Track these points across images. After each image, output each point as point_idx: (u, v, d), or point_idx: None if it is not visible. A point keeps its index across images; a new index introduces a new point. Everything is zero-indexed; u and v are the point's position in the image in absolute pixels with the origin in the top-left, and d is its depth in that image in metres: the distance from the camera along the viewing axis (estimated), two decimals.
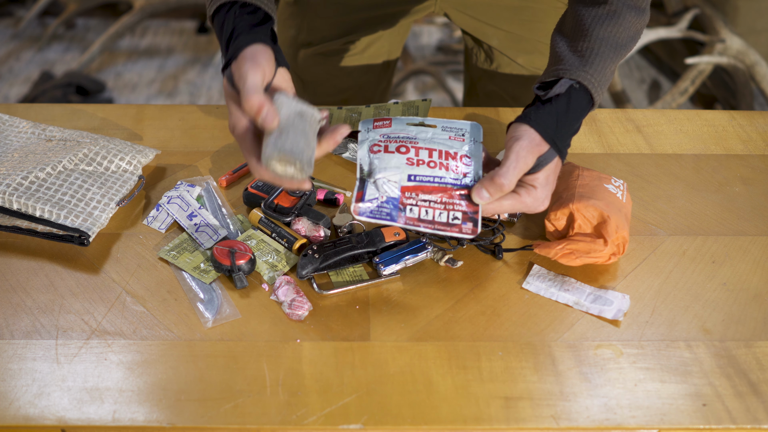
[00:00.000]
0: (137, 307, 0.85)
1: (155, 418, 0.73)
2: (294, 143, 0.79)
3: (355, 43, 1.29)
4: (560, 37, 0.90)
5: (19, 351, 0.79)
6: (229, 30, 0.84)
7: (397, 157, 0.86)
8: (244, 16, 0.84)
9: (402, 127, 0.89)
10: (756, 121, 1.18)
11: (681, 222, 0.98)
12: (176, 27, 3.39)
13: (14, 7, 3.43)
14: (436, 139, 0.88)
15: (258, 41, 0.82)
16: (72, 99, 2.74)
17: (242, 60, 0.81)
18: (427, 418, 0.74)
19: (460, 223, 0.83)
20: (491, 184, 0.82)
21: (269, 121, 0.79)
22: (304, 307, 0.84)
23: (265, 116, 0.79)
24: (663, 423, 0.74)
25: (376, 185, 0.85)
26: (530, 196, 0.84)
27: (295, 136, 0.80)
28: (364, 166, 0.87)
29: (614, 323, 0.84)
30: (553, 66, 0.88)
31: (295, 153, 0.79)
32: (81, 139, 1.03)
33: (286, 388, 0.76)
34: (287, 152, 0.78)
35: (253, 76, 0.80)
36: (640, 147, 1.12)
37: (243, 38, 0.82)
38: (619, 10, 0.88)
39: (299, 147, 0.79)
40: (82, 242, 0.91)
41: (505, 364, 0.79)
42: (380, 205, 0.84)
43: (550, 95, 0.85)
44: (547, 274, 0.89)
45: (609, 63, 0.87)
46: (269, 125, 0.79)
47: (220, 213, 0.97)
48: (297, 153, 0.79)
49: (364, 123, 0.90)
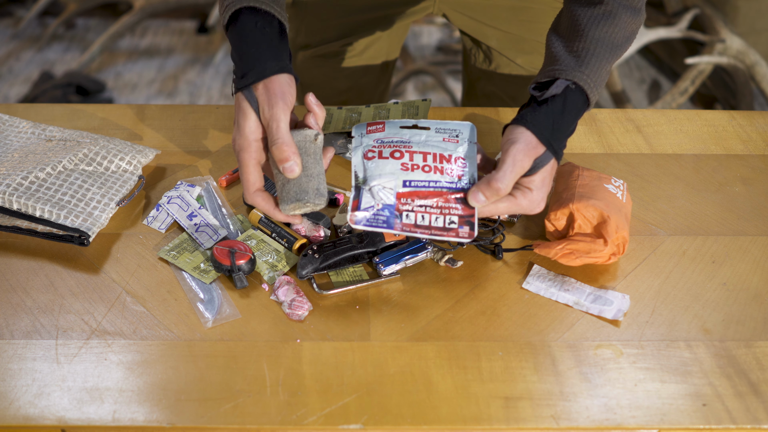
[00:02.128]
0: (137, 307, 0.85)
1: (155, 418, 0.73)
2: (297, 185, 0.82)
3: (353, 45, 1.29)
4: (556, 37, 0.90)
5: (19, 351, 0.79)
6: (251, 45, 0.84)
7: (392, 163, 0.86)
8: (265, 30, 0.84)
9: (395, 131, 0.89)
10: (756, 121, 1.18)
11: (681, 222, 0.98)
12: (176, 27, 3.39)
13: (14, 7, 3.43)
14: (430, 141, 0.88)
15: (285, 69, 0.83)
16: (72, 99, 2.74)
17: (273, 96, 0.81)
18: (427, 418, 0.74)
19: (456, 227, 0.83)
20: (488, 187, 0.82)
21: (291, 171, 0.81)
22: (304, 307, 0.84)
23: (290, 167, 0.81)
24: (663, 423, 0.74)
25: (371, 193, 0.85)
26: (526, 199, 0.84)
27: (297, 181, 0.82)
28: (358, 173, 0.86)
29: (614, 323, 0.84)
30: (548, 66, 0.88)
31: (300, 198, 0.82)
32: (81, 139, 1.03)
33: (286, 388, 0.76)
34: (294, 201, 0.82)
35: (286, 121, 0.81)
36: (640, 147, 1.12)
37: (270, 64, 0.82)
38: (614, 10, 0.88)
39: (301, 188, 0.82)
40: (82, 242, 0.91)
41: (505, 364, 0.79)
42: (376, 213, 0.84)
43: (546, 96, 0.85)
44: (547, 274, 0.89)
45: (605, 63, 0.87)
46: (290, 175, 0.82)
47: (220, 213, 0.97)
48: (303, 197, 0.82)
49: (357, 128, 0.90)
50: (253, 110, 0.83)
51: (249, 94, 0.83)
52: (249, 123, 0.83)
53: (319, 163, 0.84)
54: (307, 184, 0.82)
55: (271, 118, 0.81)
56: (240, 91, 0.83)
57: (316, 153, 0.84)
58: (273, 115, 0.81)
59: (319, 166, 0.84)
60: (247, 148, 0.83)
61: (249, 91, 0.83)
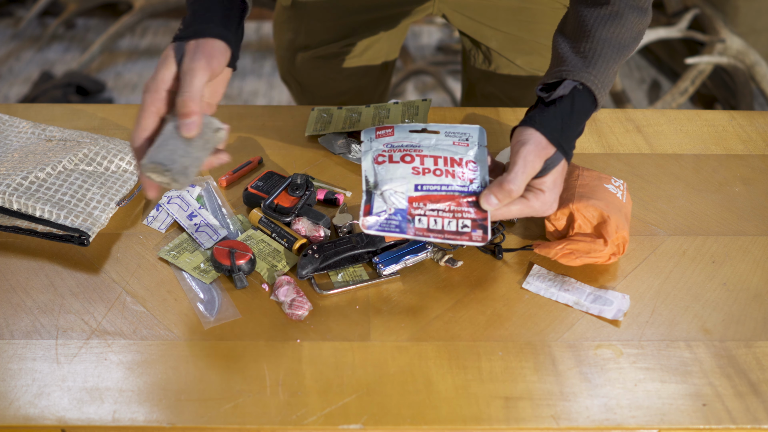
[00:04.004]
0: (137, 307, 0.85)
1: (155, 418, 0.73)
2: (171, 152, 0.77)
3: (353, 46, 1.29)
4: (562, 38, 0.90)
5: (19, 351, 0.80)
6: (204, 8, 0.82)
7: (403, 167, 0.86)
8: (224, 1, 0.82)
9: (405, 135, 0.89)
10: (756, 121, 1.18)
11: (681, 222, 0.98)
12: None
13: (14, 7, 3.43)
14: (440, 145, 0.87)
15: (224, 38, 0.81)
16: (72, 99, 2.74)
17: (200, 53, 0.79)
18: (427, 418, 0.74)
19: (470, 231, 0.83)
20: (500, 190, 0.82)
21: (187, 130, 0.77)
22: (304, 307, 0.84)
23: (189, 124, 0.77)
24: (663, 423, 0.74)
25: (383, 197, 0.84)
26: (539, 201, 0.84)
27: (175, 145, 0.78)
28: (369, 177, 0.86)
29: (614, 323, 0.84)
30: (555, 67, 0.87)
31: (166, 163, 0.77)
32: (81, 139, 1.03)
33: (286, 388, 0.76)
34: (158, 162, 0.77)
35: (202, 79, 0.78)
36: (640, 147, 1.12)
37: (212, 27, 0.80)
38: (621, 10, 0.87)
39: (174, 156, 0.77)
40: (82, 242, 0.91)
41: (505, 364, 0.79)
42: (389, 218, 0.83)
43: (554, 97, 0.85)
44: (547, 274, 0.89)
45: (612, 64, 0.87)
46: (185, 134, 0.78)
47: (220, 213, 0.97)
48: (169, 163, 0.77)
49: (366, 132, 0.90)
50: (176, 63, 0.80)
51: (179, 47, 0.80)
52: (166, 72, 0.80)
53: (204, 153, 0.80)
54: (181, 158, 0.77)
55: (188, 70, 0.78)
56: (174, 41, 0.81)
57: (208, 143, 0.80)
58: (191, 68, 0.78)
59: (203, 156, 0.80)
60: (153, 93, 0.79)
61: (180, 45, 0.80)
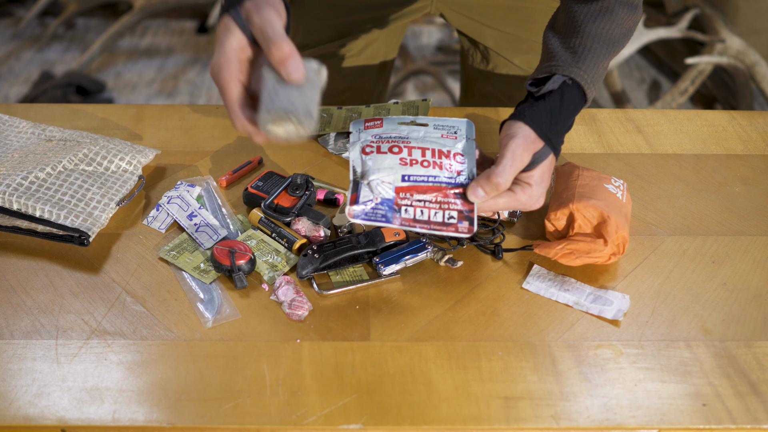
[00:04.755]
0: (137, 307, 0.85)
1: (155, 418, 0.73)
2: (287, 99, 0.74)
3: (351, 45, 1.29)
4: (552, 33, 0.90)
5: (19, 351, 0.79)
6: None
7: (390, 158, 0.86)
8: None
9: (393, 127, 0.89)
10: (756, 121, 1.18)
11: (681, 222, 0.98)
12: (176, 27, 3.39)
13: (14, 7, 3.43)
14: (428, 137, 0.88)
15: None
16: (72, 99, 2.74)
17: (263, 5, 0.75)
18: (427, 418, 0.74)
19: (456, 222, 0.83)
20: (487, 182, 0.82)
21: (294, 71, 0.73)
22: (304, 307, 0.84)
23: (293, 66, 0.73)
24: (663, 423, 0.74)
25: (369, 187, 0.85)
26: (525, 194, 0.84)
27: (286, 92, 0.74)
28: (356, 167, 0.86)
29: (614, 323, 0.84)
30: (545, 62, 0.88)
31: (288, 109, 0.74)
32: (81, 139, 1.03)
33: (286, 388, 0.76)
34: (279, 109, 0.74)
35: (280, 24, 0.75)
36: (640, 147, 1.12)
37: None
38: (611, 6, 0.88)
39: (292, 100, 0.74)
40: (82, 242, 0.91)
41: (505, 364, 0.79)
42: (375, 207, 0.83)
43: (543, 92, 0.85)
44: (547, 274, 0.89)
45: (602, 59, 0.87)
46: (294, 76, 0.74)
47: (220, 213, 0.97)
48: (290, 107, 0.74)
49: (355, 124, 0.90)
50: (239, 28, 0.76)
51: (236, 13, 0.76)
52: (233, 40, 0.76)
53: (316, 93, 0.76)
54: (299, 101, 0.74)
55: (264, 21, 0.74)
56: (226, 12, 0.77)
57: (315, 84, 0.77)
58: (265, 18, 0.74)
59: (316, 96, 0.76)
60: (227, 66, 0.76)
61: (236, 11, 0.76)
